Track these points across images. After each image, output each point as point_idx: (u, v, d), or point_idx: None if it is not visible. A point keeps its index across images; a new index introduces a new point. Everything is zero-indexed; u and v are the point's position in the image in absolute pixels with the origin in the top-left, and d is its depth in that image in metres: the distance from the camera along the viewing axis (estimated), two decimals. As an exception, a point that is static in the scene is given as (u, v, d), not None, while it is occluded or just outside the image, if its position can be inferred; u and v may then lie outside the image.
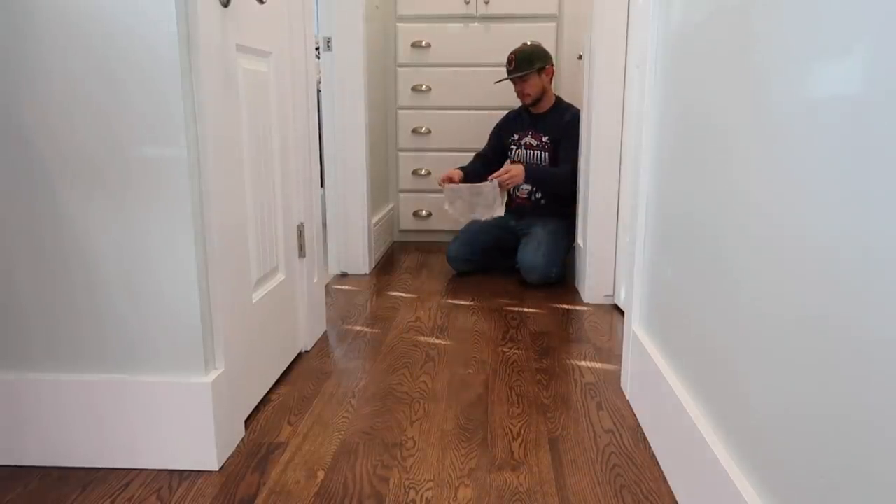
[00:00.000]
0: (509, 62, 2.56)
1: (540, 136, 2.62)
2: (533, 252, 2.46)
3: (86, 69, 1.08)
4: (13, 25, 1.07)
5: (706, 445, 0.96)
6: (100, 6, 1.06)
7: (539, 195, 2.63)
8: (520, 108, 2.73)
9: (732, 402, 0.91)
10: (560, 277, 2.53)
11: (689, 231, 1.12)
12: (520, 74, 2.53)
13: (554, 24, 3.03)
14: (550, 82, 2.61)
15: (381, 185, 3.03)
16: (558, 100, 2.66)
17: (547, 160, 2.62)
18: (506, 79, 2.60)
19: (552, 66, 2.59)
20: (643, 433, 1.35)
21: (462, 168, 2.68)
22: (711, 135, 1.01)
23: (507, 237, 2.69)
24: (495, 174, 2.49)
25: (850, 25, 0.62)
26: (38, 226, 1.14)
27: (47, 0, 1.06)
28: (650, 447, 1.29)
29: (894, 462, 0.55)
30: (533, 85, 2.55)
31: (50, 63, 1.08)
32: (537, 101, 2.60)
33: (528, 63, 2.52)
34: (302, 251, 1.73)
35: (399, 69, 3.12)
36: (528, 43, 2.66)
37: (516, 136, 2.70)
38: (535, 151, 2.64)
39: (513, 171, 2.48)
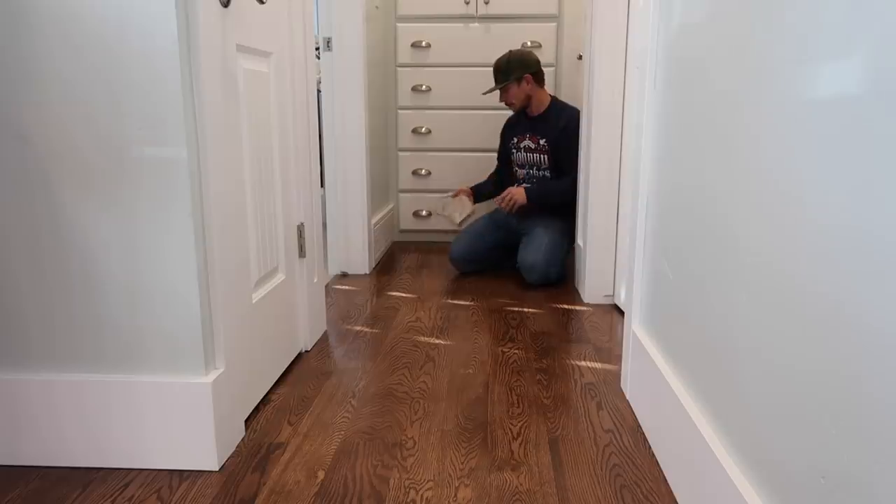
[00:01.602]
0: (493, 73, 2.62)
1: (537, 138, 2.62)
2: (533, 252, 2.46)
3: (84, 70, 1.08)
4: (14, 27, 1.07)
5: (706, 445, 0.96)
6: (100, 6, 1.06)
7: None
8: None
9: (732, 402, 0.91)
10: (560, 277, 2.53)
11: (689, 231, 1.12)
12: (497, 87, 2.58)
13: (554, 24, 3.03)
14: (537, 86, 2.58)
15: (381, 186, 3.03)
16: (554, 100, 2.64)
17: (546, 163, 2.62)
18: (490, 90, 2.61)
19: (535, 72, 2.55)
20: (643, 433, 1.35)
21: (476, 185, 2.83)
22: (712, 134, 1.01)
23: (508, 237, 2.69)
24: (497, 198, 2.58)
25: (851, 25, 0.62)
26: (38, 226, 1.14)
27: (47, 0, 1.06)
28: (650, 447, 1.29)
29: (894, 462, 0.55)
30: (513, 94, 2.58)
31: (49, 63, 1.08)
32: (527, 106, 2.61)
33: (503, 75, 2.56)
34: (302, 251, 1.73)
35: (399, 69, 3.12)
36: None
37: (516, 140, 2.70)
38: (534, 154, 2.63)
39: (513, 192, 2.54)
